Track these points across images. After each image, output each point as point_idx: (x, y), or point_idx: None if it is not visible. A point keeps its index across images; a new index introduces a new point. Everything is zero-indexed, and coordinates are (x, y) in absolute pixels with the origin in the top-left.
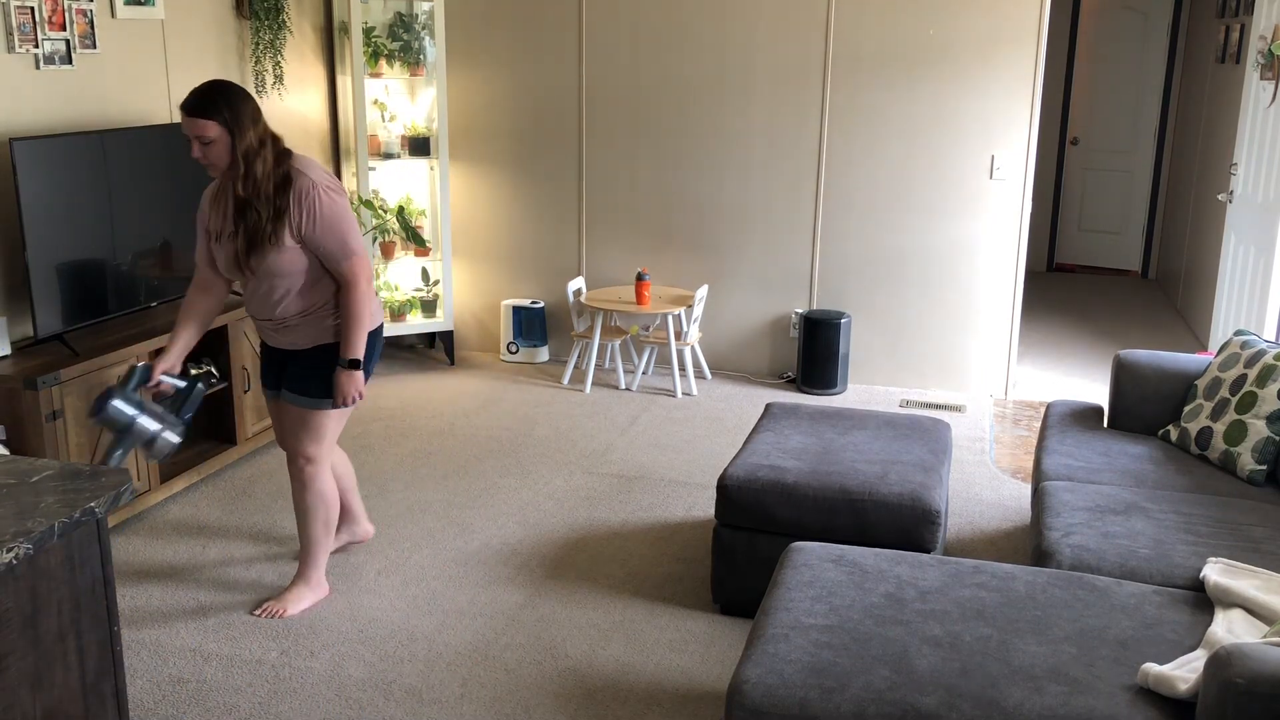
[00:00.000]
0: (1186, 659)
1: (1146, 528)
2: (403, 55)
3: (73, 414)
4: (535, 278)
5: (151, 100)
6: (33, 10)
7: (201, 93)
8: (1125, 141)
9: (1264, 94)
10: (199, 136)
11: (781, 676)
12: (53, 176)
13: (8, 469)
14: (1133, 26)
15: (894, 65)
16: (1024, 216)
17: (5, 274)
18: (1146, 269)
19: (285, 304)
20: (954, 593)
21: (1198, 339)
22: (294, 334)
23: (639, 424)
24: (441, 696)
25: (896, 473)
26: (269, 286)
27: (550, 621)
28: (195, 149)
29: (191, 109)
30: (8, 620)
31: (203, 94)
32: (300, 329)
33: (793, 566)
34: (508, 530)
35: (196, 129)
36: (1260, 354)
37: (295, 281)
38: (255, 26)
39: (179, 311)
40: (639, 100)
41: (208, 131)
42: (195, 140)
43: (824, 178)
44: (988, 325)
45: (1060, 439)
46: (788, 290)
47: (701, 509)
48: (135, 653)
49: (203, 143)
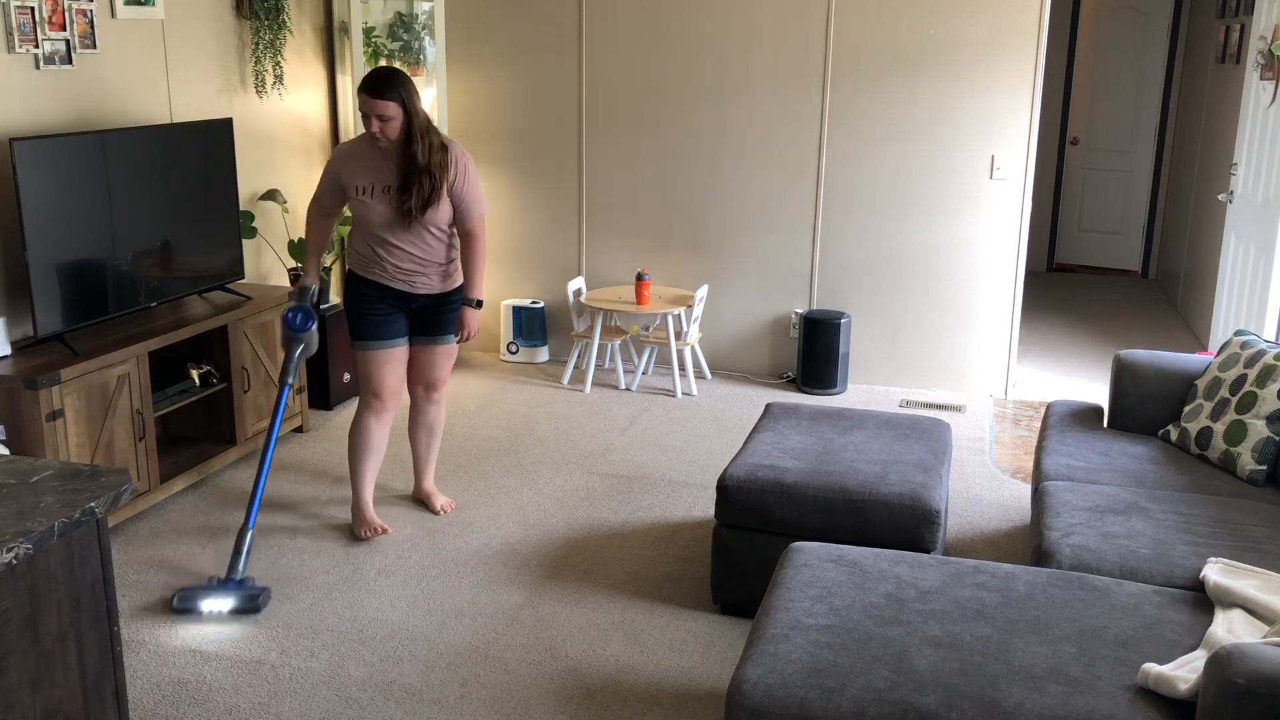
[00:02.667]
0: (1186, 659)
1: (1146, 528)
2: (403, 55)
3: (73, 414)
4: (535, 278)
5: (151, 100)
6: (33, 10)
7: (381, 77)
8: (1125, 141)
9: (1264, 94)
10: (380, 115)
11: (781, 676)
12: (53, 176)
13: (8, 469)
14: (1133, 26)
15: (894, 65)
16: (1024, 216)
17: (5, 274)
18: (1146, 269)
19: (435, 250)
20: (954, 593)
21: (1198, 339)
22: (434, 278)
23: (639, 424)
24: (441, 696)
25: (896, 473)
26: (425, 236)
27: (550, 621)
28: (375, 125)
29: (375, 91)
30: (8, 620)
31: (382, 78)
32: (440, 273)
33: (793, 566)
34: (508, 530)
35: (379, 109)
36: (1260, 354)
37: (442, 233)
38: (255, 26)
39: (310, 234)
40: (639, 100)
41: (389, 111)
42: (376, 119)
43: (824, 178)
44: (988, 325)
45: (1060, 439)
46: (788, 290)
47: (701, 509)
48: (135, 653)
49: (382, 120)
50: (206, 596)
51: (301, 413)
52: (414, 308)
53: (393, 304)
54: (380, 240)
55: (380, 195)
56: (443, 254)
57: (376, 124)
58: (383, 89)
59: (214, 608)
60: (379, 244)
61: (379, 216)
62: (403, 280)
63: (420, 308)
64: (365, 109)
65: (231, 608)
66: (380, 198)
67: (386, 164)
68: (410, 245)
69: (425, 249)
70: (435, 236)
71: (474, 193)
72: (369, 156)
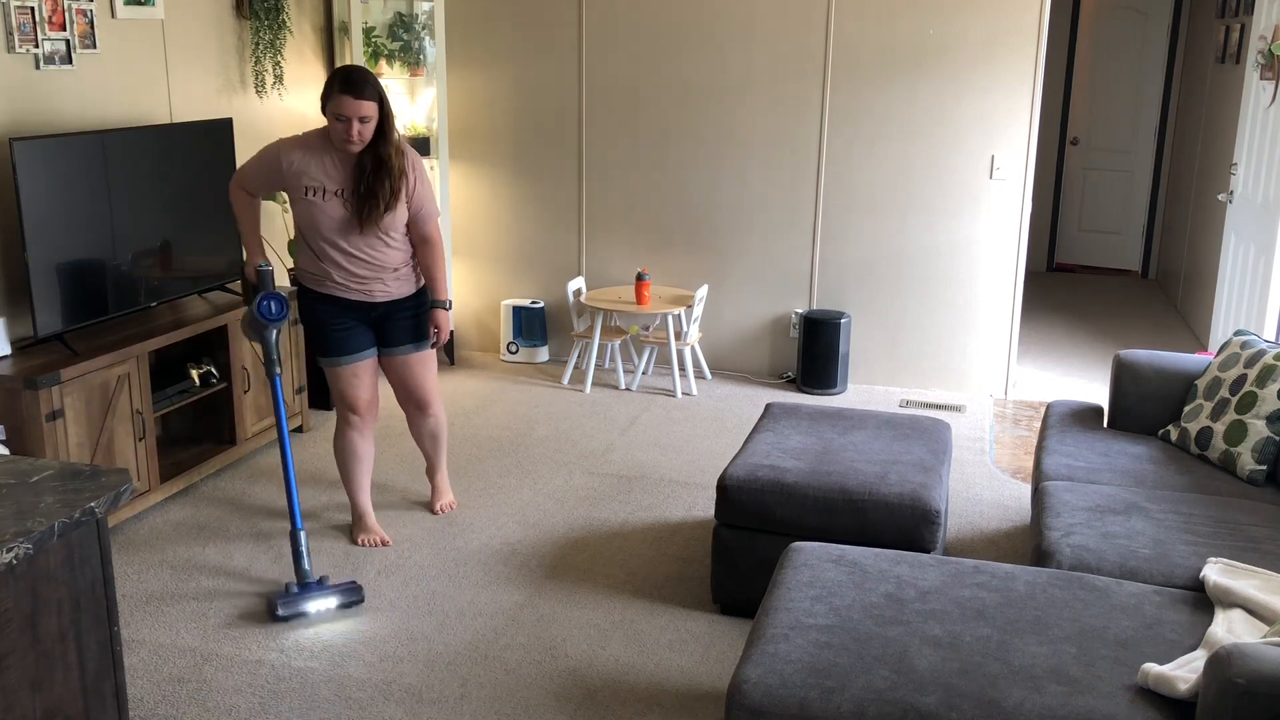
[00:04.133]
0: (1186, 659)
1: (1146, 528)
2: (403, 55)
3: (73, 414)
4: (535, 278)
5: (151, 100)
6: (33, 10)
7: (360, 76)
8: (1125, 141)
9: (1264, 94)
10: (363, 116)
11: (781, 676)
12: (53, 176)
13: (8, 469)
14: (1133, 26)
15: (894, 65)
16: (1024, 216)
17: (5, 274)
18: (1146, 269)
19: (390, 255)
20: (954, 593)
21: (1198, 339)
22: (391, 284)
23: (639, 424)
24: (441, 696)
25: (896, 473)
26: (378, 242)
27: (550, 621)
28: (353, 128)
29: (358, 91)
30: (8, 620)
31: (361, 78)
32: (400, 279)
33: (793, 566)
34: (508, 530)
35: (362, 110)
36: (1260, 354)
37: (398, 237)
38: (255, 26)
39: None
40: (639, 100)
41: (371, 111)
42: (356, 120)
43: (824, 178)
44: (988, 325)
45: (1060, 439)
46: (788, 290)
47: (701, 509)
48: (135, 653)
49: (363, 122)
50: (307, 600)
51: (301, 412)
52: (375, 316)
53: (353, 316)
54: (331, 246)
55: (333, 198)
56: (397, 259)
57: (356, 126)
58: (364, 89)
59: (320, 607)
60: (330, 250)
61: (330, 221)
62: (359, 290)
63: (382, 315)
64: (344, 111)
65: (339, 604)
66: (333, 200)
67: (340, 166)
68: (363, 251)
69: (379, 255)
70: (388, 242)
71: (429, 196)
72: (323, 156)
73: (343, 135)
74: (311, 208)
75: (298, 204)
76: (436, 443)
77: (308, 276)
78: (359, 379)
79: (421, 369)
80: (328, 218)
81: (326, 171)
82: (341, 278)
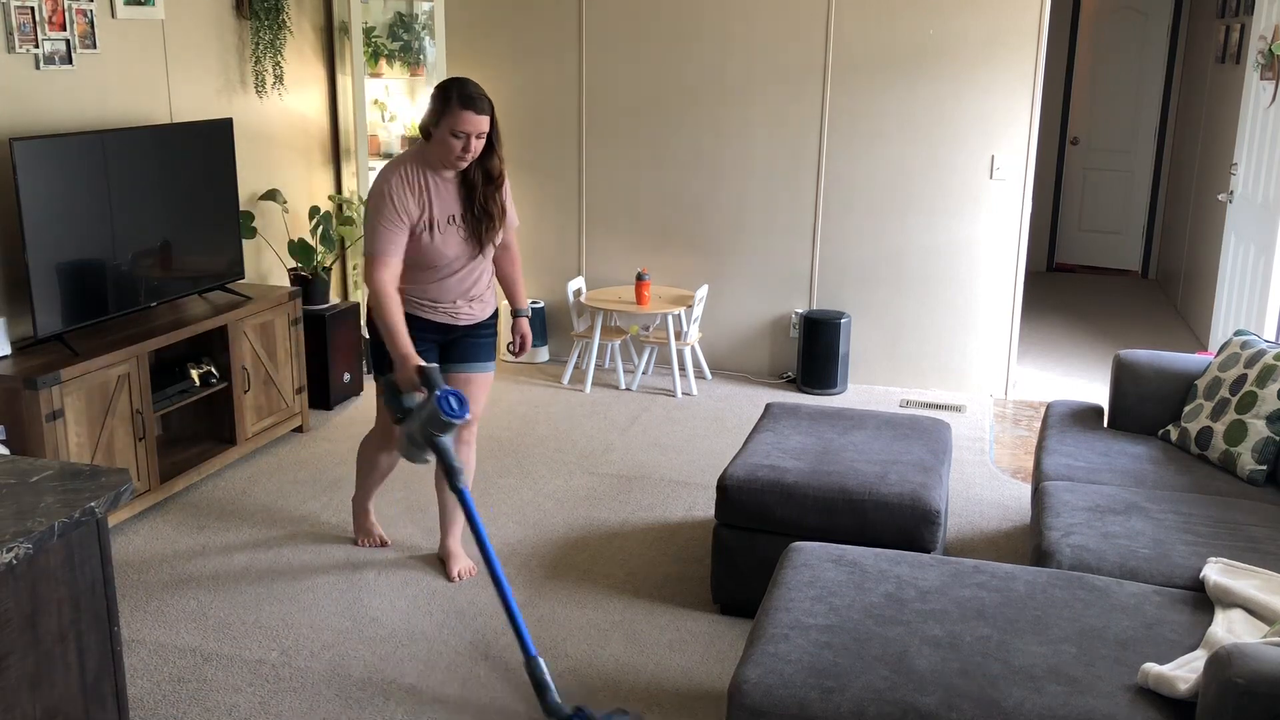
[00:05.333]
0: (1186, 659)
1: (1146, 528)
2: (403, 55)
3: (73, 414)
4: (535, 278)
5: (151, 100)
6: (33, 10)
7: (477, 91)
8: (1125, 141)
9: (1264, 94)
10: (480, 133)
11: (781, 676)
12: (53, 176)
13: (8, 469)
14: (1133, 26)
15: (894, 65)
16: (1024, 216)
17: (5, 274)
18: (1146, 269)
19: (485, 275)
20: (954, 593)
21: (1198, 339)
22: (484, 304)
23: (639, 424)
24: (441, 696)
25: (896, 473)
26: (484, 262)
27: (550, 621)
28: (471, 144)
29: (480, 107)
30: (8, 620)
31: (478, 92)
32: (485, 301)
33: (793, 566)
34: (508, 530)
35: (482, 125)
36: (1260, 354)
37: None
38: (255, 26)
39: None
40: (639, 100)
41: (486, 126)
42: (474, 137)
43: (824, 178)
44: (988, 325)
45: (1060, 439)
46: (788, 290)
47: (701, 509)
48: (135, 653)
49: (479, 138)
50: None
51: (302, 412)
52: (451, 338)
53: (431, 338)
54: (441, 272)
55: (447, 226)
56: (490, 278)
57: (473, 144)
58: (482, 103)
59: None
60: (442, 279)
61: (451, 250)
62: (447, 313)
63: (457, 337)
64: (465, 127)
65: None
66: (448, 230)
67: (444, 190)
68: (472, 273)
69: (478, 276)
70: (486, 262)
71: (513, 207)
72: (424, 186)
73: (458, 152)
74: (425, 246)
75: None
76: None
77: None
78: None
79: (484, 389)
80: (444, 247)
81: (437, 200)
82: (434, 300)
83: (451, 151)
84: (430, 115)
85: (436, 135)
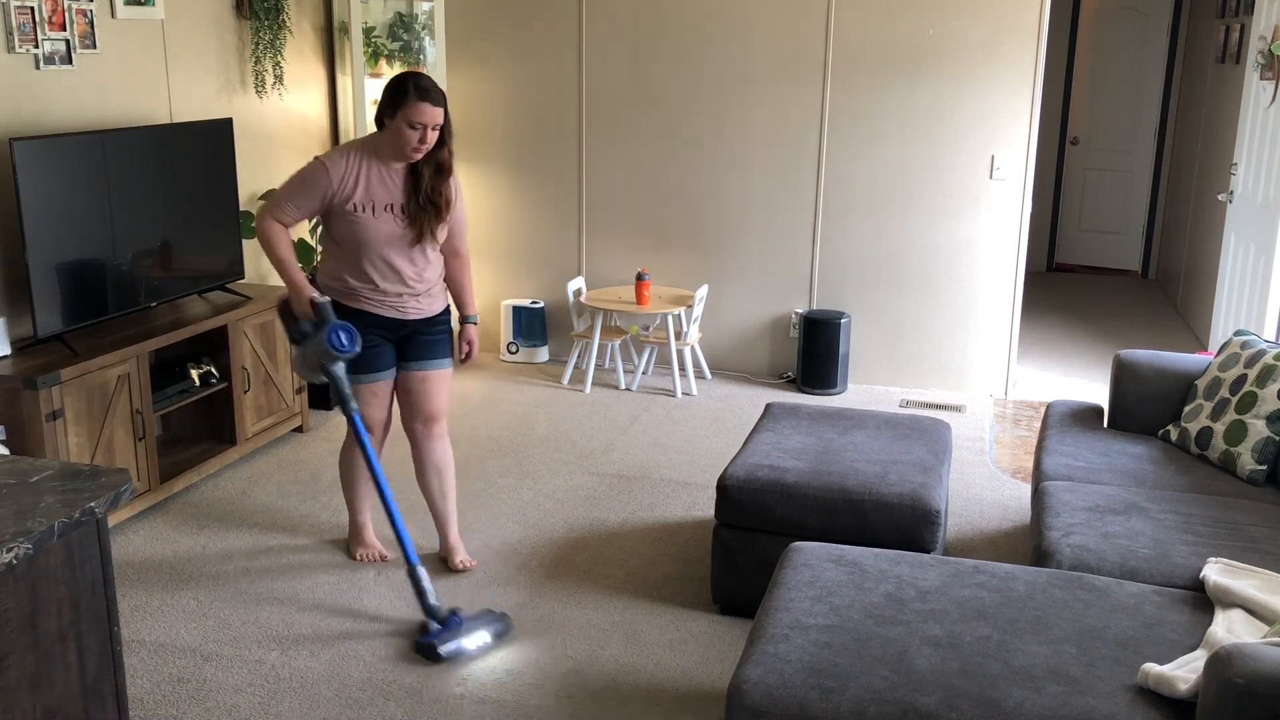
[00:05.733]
0: (1186, 659)
1: (1146, 528)
2: (403, 55)
3: (73, 414)
4: (535, 278)
5: (151, 100)
6: (33, 10)
7: (431, 84)
8: (1125, 141)
9: (1264, 94)
10: (436, 124)
11: (781, 676)
12: (53, 176)
13: (8, 469)
14: (1133, 26)
15: (894, 65)
16: (1024, 216)
17: (5, 274)
18: (1146, 269)
19: (431, 270)
20: (954, 593)
21: (1198, 339)
22: (431, 300)
23: (639, 424)
24: (441, 696)
25: (896, 473)
26: (424, 256)
27: (550, 621)
28: (426, 136)
29: (435, 99)
30: (8, 620)
31: (433, 84)
32: (434, 295)
33: (793, 566)
34: (508, 530)
35: (438, 117)
36: (1260, 354)
37: (437, 252)
38: (255, 26)
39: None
40: (639, 100)
41: (441, 118)
42: (429, 128)
43: (824, 178)
44: (988, 325)
45: (1060, 439)
46: (788, 290)
47: (701, 509)
48: (135, 653)
49: (433, 129)
50: (460, 635)
51: (301, 412)
52: (403, 334)
53: (382, 334)
54: (379, 260)
55: (383, 213)
56: (435, 274)
57: (429, 135)
58: (437, 95)
59: (478, 643)
60: (375, 266)
61: (379, 236)
62: (394, 305)
63: (408, 334)
64: (420, 118)
65: (494, 634)
66: (383, 216)
67: (391, 179)
68: (409, 266)
69: (422, 270)
70: (430, 256)
71: (463, 208)
72: (369, 171)
73: (413, 143)
74: (358, 225)
75: (339, 220)
76: (444, 479)
77: (338, 291)
78: (378, 398)
79: (441, 385)
80: (377, 233)
81: (377, 186)
82: (379, 293)
83: (408, 143)
84: (385, 106)
85: (392, 126)
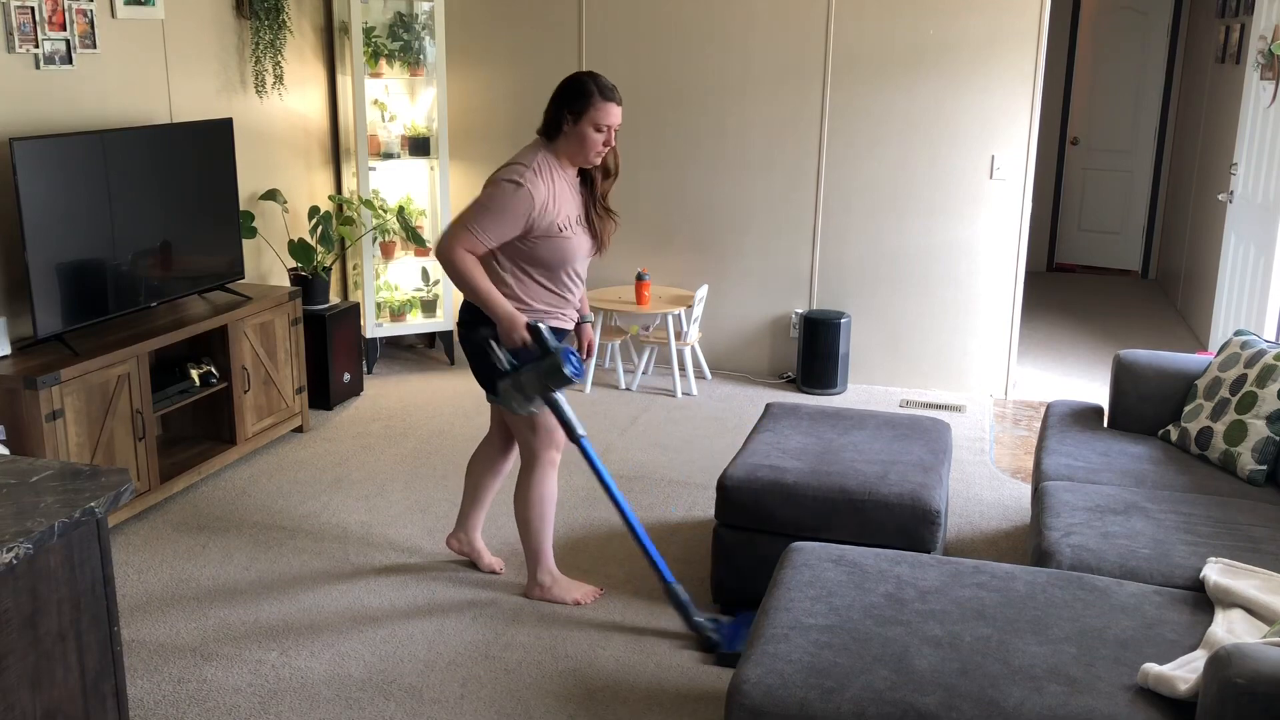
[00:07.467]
0: (1186, 659)
1: (1146, 528)
2: (403, 55)
3: (72, 414)
4: None
5: (151, 100)
6: (33, 10)
7: (610, 82)
8: (1125, 141)
9: (1264, 94)
10: (618, 125)
11: (781, 676)
12: (53, 176)
13: (8, 469)
14: (1133, 26)
15: (894, 65)
16: (1024, 216)
17: (5, 274)
18: (1146, 269)
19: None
20: (954, 593)
21: (1198, 339)
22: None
23: (639, 424)
24: (441, 696)
25: (896, 473)
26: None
27: (550, 621)
28: (610, 138)
29: (619, 99)
30: (8, 620)
31: (611, 83)
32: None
33: (793, 566)
34: (508, 530)
35: (620, 117)
36: (1260, 354)
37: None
38: (255, 26)
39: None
40: (639, 100)
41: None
42: (613, 130)
43: (824, 178)
44: (988, 325)
45: (1060, 439)
46: (788, 290)
47: (701, 509)
48: (135, 653)
49: (614, 131)
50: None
51: (302, 412)
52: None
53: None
54: (573, 274)
55: (578, 226)
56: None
57: (612, 136)
58: (619, 94)
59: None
60: (571, 279)
61: (581, 251)
62: (570, 316)
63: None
64: (609, 120)
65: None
66: (578, 229)
67: (572, 189)
68: (581, 280)
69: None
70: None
71: None
72: (557, 183)
73: (598, 147)
74: (565, 244)
75: (540, 243)
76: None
77: (539, 311)
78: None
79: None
80: (579, 249)
81: (568, 200)
82: (568, 305)
83: (593, 147)
84: (565, 111)
85: (575, 131)
